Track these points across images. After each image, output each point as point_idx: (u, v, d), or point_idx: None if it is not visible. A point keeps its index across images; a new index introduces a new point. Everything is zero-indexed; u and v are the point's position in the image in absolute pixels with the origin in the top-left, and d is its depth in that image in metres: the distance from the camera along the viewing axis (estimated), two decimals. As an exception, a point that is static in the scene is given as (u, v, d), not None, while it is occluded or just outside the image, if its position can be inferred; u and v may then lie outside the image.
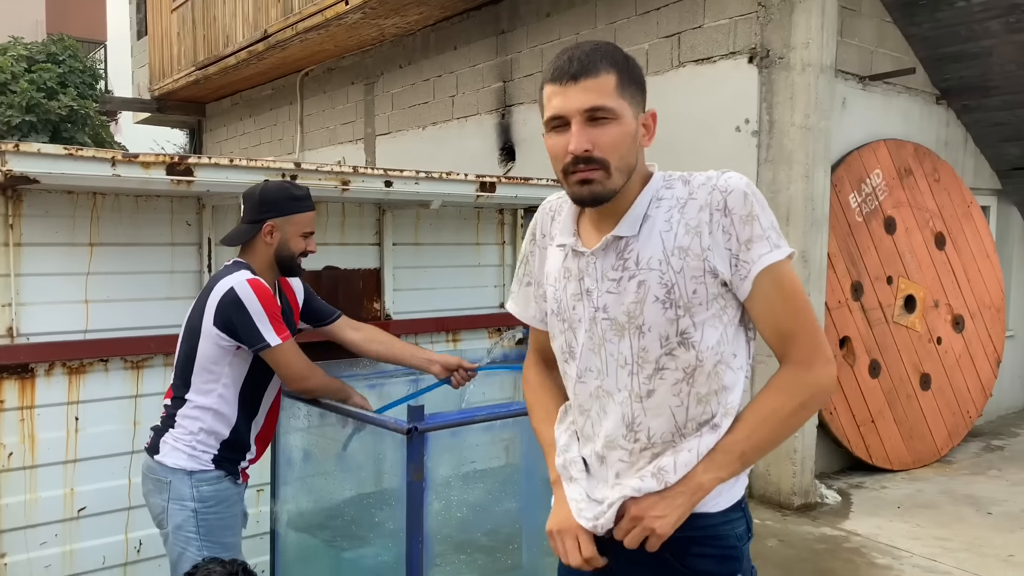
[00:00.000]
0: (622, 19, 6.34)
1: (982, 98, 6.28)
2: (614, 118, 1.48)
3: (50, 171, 2.57)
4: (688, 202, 1.52)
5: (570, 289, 1.62)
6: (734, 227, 1.48)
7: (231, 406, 2.56)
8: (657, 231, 1.52)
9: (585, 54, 1.49)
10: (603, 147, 1.48)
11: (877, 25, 5.77)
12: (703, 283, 1.49)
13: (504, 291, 4.37)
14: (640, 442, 1.55)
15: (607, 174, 1.49)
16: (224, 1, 10.16)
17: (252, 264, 2.57)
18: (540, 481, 2.91)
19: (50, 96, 12.60)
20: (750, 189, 1.50)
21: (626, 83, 1.49)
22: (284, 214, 2.57)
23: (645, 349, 1.52)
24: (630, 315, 1.53)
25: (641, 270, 1.52)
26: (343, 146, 9.76)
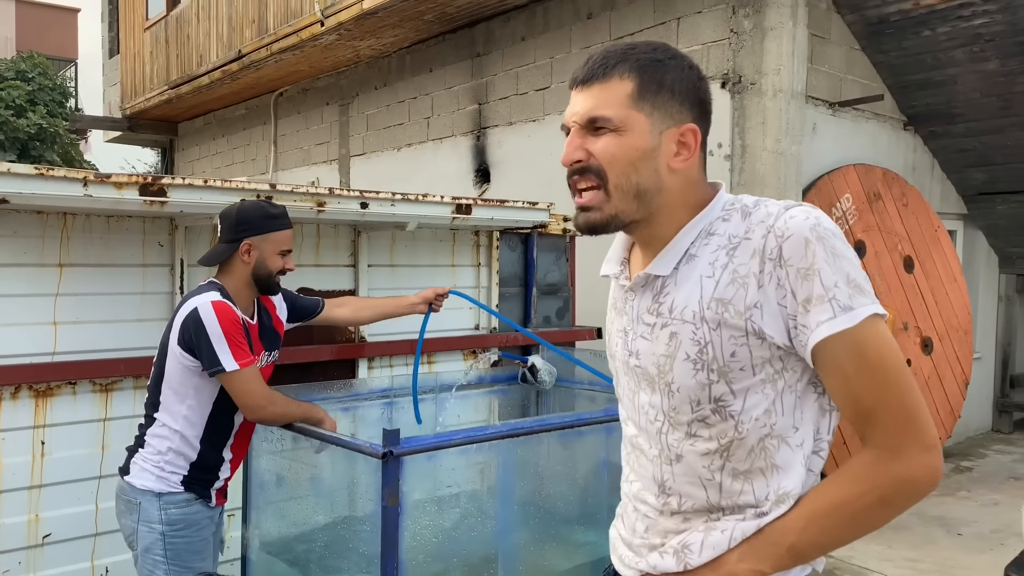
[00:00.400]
0: (596, 43, 6.40)
1: (948, 125, 6.42)
2: (615, 129, 1.25)
3: (20, 191, 2.53)
4: (741, 243, 1.24)
5: (616, 323, 1.43)
6: (789, 281, 1.19)
7: (197, 428, 2.53)
8: (698, 275, 1.26)
9: (604, 56, 1.29)
10: (598, 157, 1.26)
11: (846, 52, 5.89)
12: (745, 346, 1.22)
13: (479, 313, 4.37)
14: (671, 505, 1.34)
15: (605, 195, 1.27)
16: (198, 20, 10.13)
17: (229, 284, 2.57)
18: (517, 504, 2.90)
19: (19, 114, 12.47)
20: (815, 233, 1.18)
21: (651, 91, 1.25)
22: (261, 232, 2.57)
23: (675, 410, 1.29)
24: (660, 369, 1.30)
25: (674, 320, 1.28)
26: (317, 166, 9.73)
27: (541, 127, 6.93)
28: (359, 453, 2.43)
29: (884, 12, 5.60)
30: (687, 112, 1.28)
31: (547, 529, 2.91)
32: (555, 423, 2.71)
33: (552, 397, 3.98)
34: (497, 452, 2.70)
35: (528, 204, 4.07)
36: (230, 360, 2.43)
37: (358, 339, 3.86)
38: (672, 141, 1.27)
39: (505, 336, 4.35)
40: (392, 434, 2.31)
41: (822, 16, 5.62)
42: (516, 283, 4.58)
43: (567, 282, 4.83)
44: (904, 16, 5.56)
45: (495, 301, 4.40)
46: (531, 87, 7.00)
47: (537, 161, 6.95)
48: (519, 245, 4.58)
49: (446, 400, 3.69)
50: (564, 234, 4.75)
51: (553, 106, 6.80)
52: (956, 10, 5.36)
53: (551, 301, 4.75)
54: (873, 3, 5.57)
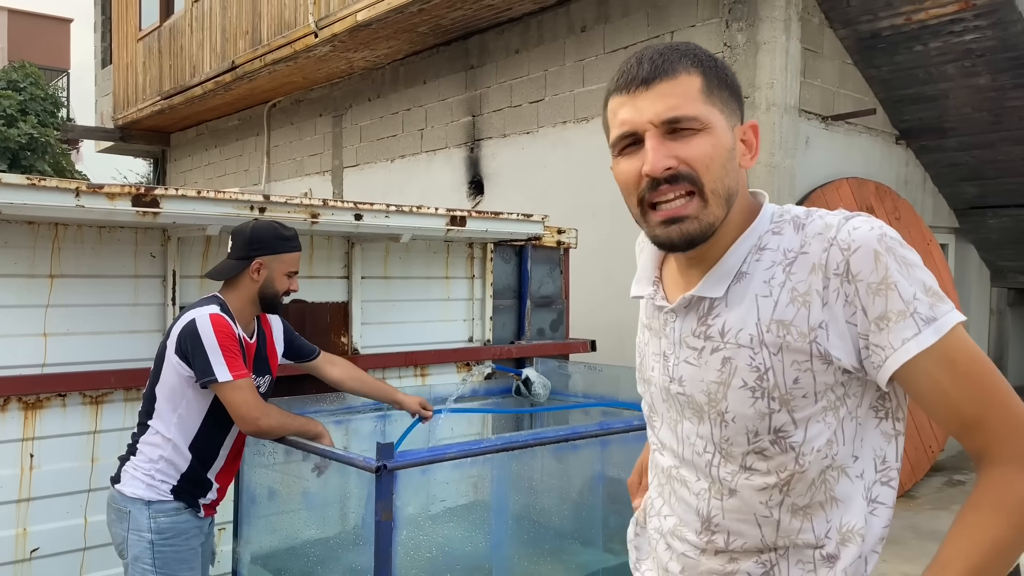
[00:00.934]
0: (590, 57, 6.42)
1: (940, 139, 6.45)
2: (701, 128, 1.13)
3: (11, 201, 2.51)
4: (798, 258, 1.13)
5: (652, 346, 1.30)
6: (859, 298, 1.08)
7: (188, 438, 2.53)
8: (752, 294, 1.15)
9: (659, 53, 1.16)
10: (691, 162, 1.12)
11: (839, 67, 5.92)
12: (809, 371, 1.11)
13: (473, 325, 4.35)
14: (716, 544, 1.22)
15: (702, 202, 1.13)
16: (192, 31, 10.12)
17: (233, 300, 2.59)
18: (511, 518, 2.88)
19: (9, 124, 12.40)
20: (883, 244, 1.08)
21: (715, 86, 1.15)
22: (274, 252, 2.61)
23: (729, 441, 1.18)
24: (711, 397, 1.18)
25: (727, 344, 1.16)
26: (310, 178, 9.71)
27: (535, 139, 6.93)
28: (352, 467, 2.41)
29: (876, 27, 5.64)
30: (739, 108, 1.19)
31: (541, 543, 2.89)
32: (550, 436, 2.69)
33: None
34: (491, 466, 2.68)
35: (523, 216, 4.06)
36: (224, 371, 2.43)
37: (351, 351, 3.84)
38: (739, 139, 1.17)
39: (499, 349, 4.34)
40: (386, 448, 2.29)
41: (815, 31, 5.65)
42: (510, 295, 4.57)
43: (561, 294, 4.82)
44: (896, 31, 5.59)
45: (489, 313, 4.38)
46: (525, 99, 7.01)
47: (531, 173, 6.95)
48: (513, 257, 4.57)
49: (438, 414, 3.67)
50: (558, 246, 4.74)
51: (547, 118, 6.81)
52: (947, 25, 5.39)
53: (545, 313, 4.74)
54: (865, 18, 5.60)
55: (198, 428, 2.54)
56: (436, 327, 4.22)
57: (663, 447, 1.31)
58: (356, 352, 3.84)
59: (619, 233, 6.08)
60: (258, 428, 2.52)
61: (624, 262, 5.97)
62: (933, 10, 5.29)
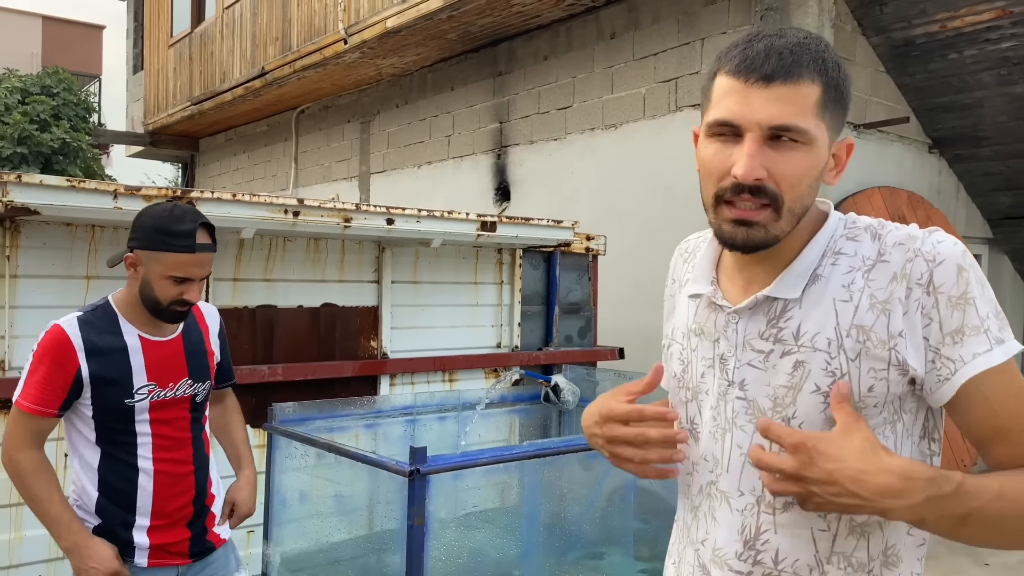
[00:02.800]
0: (619, 64, 6.41)
1: (974, 148, 6.36)
2: (805, 143, 1.09)
3: (52, 203, 2.54)
4: (877, 265, 1.12)
5: (701, 351, 1.25)
6: (938, 311, 1.08)
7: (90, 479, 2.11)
8: (830, 298, 1.13)
9: (789, 49, 1.09)
10: (781, 179, 1.09)
11: (871, 74, 5.86)
12: (884, 380, 1.09)
13: (501, 331, 4.34)
14: (763, 565, 1.16)
15: (776, 215, 1.10)
16: (222, 38, 10.24)
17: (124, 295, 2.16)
18: (541, 526, 2.86)
19: (43, 128, 12.60)
20: (966, 261, 1.09)
21: (831, 100, 1.10)
22: (149, 248, 2.05)
23: None
24: (776, 401, 1.15)
25: (802, 347, 1.13)
26: (337, 183, 9.77)
27: (562, 146, 6.93)
28: (384, 470, 2.40)
29: (910, 35, 5.58)
30: (843, 122, 1.15)
31: (571, 551, 2.87)
32: (583, 444, 2.66)
33: (574, 417, 3.94)
34: (523, 472, 2.67)
35: (553, 222, 4.06)
36: (17, 392, 2.05)
37: (380, 355, 3.84)
38: (832, 155, 1.15)
39: (527, 355, 4.33)
40: (419, 452, 2.28)
41: (847, 38, 5.60)
42: (538, 301, 4.56)
43: (589, 301, 4.81)
44: (930, 39, 5.53)
45: (517, 319, 4.38)
46: (553, 106, 7.01)
47: (558, 180, 6.95)
48: (542, 263, 4.57)
49: (467, 419, 3.67)
50: (587, 253, 4.73)
51: (575, 125, 6.80)
52: (983, 33, 5.32)
53: (573, 320, 4.72)
54: (899, 25, 5.54)
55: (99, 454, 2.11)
56: (465, 332, 4.23)
57: (698, 462, 1.25)
58: (385, 356, 3.84)
59: (647, 241, 6.05)
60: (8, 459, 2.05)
61: (652, 269, 5.95)
62: (969, 17, 5.23)
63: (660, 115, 6.07)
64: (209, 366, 2.27)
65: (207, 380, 2.26)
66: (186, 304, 2.10)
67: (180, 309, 2.11)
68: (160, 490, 2.14)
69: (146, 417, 2.12)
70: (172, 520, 2.16)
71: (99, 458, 2.10)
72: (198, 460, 2.24)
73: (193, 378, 2.20)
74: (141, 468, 2.11)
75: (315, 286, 3.61)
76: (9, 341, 2.82)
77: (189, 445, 2.22)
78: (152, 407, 2.13)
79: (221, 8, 10.28)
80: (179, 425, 2.19)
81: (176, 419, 2.18)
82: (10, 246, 2.82)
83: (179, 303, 2.09)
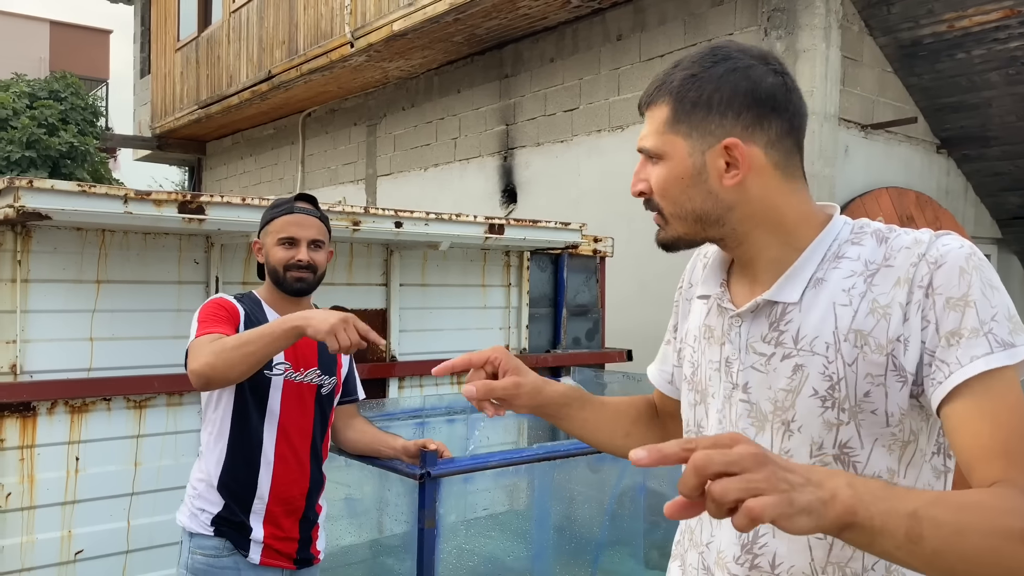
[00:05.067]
0: (625, 65, 6.41)
1: (982, 148, 6.35)
2: (660, 157, 1.19)
3: (63, 207, 2.55)
4: (881, 270, 1.11)
5: (709, 354, 1.26)
6: (935, 312, 1.05)
7: (219, 450, 2.19)
8: (830, 302, 1.12)
9: (656, 78, 1.22)
10: (653, 190, 1.21)
11: (878, 75, 5.85)
12: (882, 386, 1.07)
13: (509, 333, 4.34)
14: (760, 569, 1.14)
15: (664, 220, 1.22)
16: (229, 41, 10.27)
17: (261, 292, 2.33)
18: (551, 529, 2.86)
19: (51, 132, 12.65)
20: (970, 263, 1.06)
21: (684, 113, 1.16)
22: (263, 226, 2.31)
23: (789, 453, 1.12)
24: (776, 405, 1.14)
25: (801, 351, 1.13)
26: (344, 186, 9.79)
27: (569, 148, 6.93)
28: (394, 473, 2.41)
29: (917, 35, 5.56)
30: (730, 124, 1.14)
31: (581, 554, 2.86)
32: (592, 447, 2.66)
33: (583, 419, 3.94)
34: (533, 474, 2.67)
35: (560, 224, 4.06)
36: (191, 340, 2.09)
37: (388, 358, 3.85)
38: (719, 159, 1.15)
39: (536, 357, 4.32)
40: (429, 455, 2.28)
41: (855, 38, 5.59)
42: (546, 304, 4.56)
43: (597, 303, 4.80)
44: (938, 39, 5.52)
45: (525, 322, 4.38)
46: (559, 108, 7.01)
47: (564, 182, 6.95)
48: (549, 266, 4.56)
49: (477, 421, 3.67)
50: (594, 255, 4.72)
51: (581, 127, 6.81)
52: (991, 32, 5.31)
53: (581, 322, 4.72)
54: (906, 25, 5.53)
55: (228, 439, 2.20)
56: (473, 335, 4.22)
57: None
58: (394, 359, 3.85)
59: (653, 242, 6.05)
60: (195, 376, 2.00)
61: (659, 271, 5.95)
62: (977, 17, 5.21)
63: (667, 117, 6.06)
64: (337, 363, 2.37)
65: (334, 376, 2.35)
66: (300, 267, 2.23)
67: (296, 274, 2.24)
68: (279, 474, 2.21)
69: (278, 396, 2.22)
70: (286, 509, 2.21)
71: (228, 435, 2.19)
72: (315, 459, 2.30)
73: (322, 369, 2.30)
74: (265, 448, 2.20)
75: (323, 289, 3.61)
76: (21, 345, 2.83)
77: (310, 438, 2.29)
78: (285, 386, 2.23)
79: (228, 12, 10.31)
80: (304, 412, 2.27)
81: (303, 406, 2.26)
82: (22, 251, 2.83)
83: (292, 266, 2.23)
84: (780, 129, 1.16)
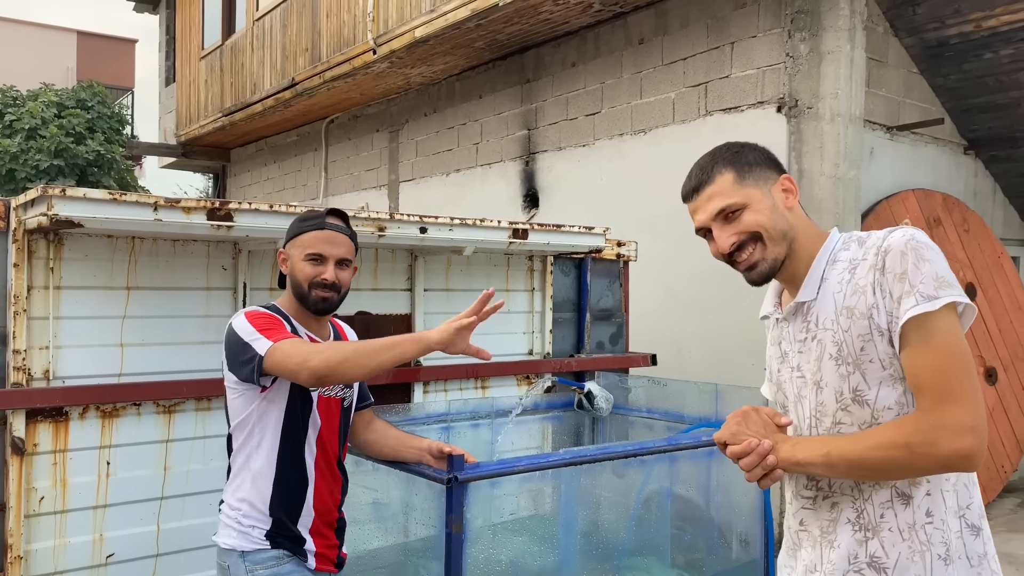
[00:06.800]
0: (648, 69, 6.40)
1: (1011, 149, 6.26)
2: (742, 208, 1.63)
3: (95, 215, 2.59)
4: (860, 263, 1.58)
5: (774, 353, 1.77)
6: (887, 284, 1.52)
7: (268, 468, 2.21)
8: (831, 293, 1.61)
9: (699, 167, 1.69)
10: (746, 227, 1.63)
11: (904, 76, 5.79)
12: (871, 341, 1.54)
13: (533, 338, 4.34)
14: (822, 491, 1.63)
15: (763, 245, 1.64)
16: (252, 49, 10.36)
17: (283, 301, 2.34)
18: (578, 534, 2.86)
19: (78, 141, 12.84)
20: (910, 246, 1.51)
21: (745, 171, 1.66)
22: (292, 237, 2.30)
23: (823, 403, 1.61)
24: (812, 372, 1.63)
25: (820, 330, 1.62)
26: (367, 192, 9.84)
27: (591, 152, 6.92)
28: (422, 478, 2.41)
29: (944, 35, 5.51)
30: (774, 171, 1.70)
31: (608, 559, 2.85)
32: (618, 451, 2.66)
33: (608, 424, 3.93)
34: (560, 480, 2.66)
35: (584, 229, 4.05)
36: (263, 342, 2.10)
37: (413, 363, 3.86)
38: (779, 192, 1.68)
39: (559, 362, 4.32)
40: (457, 459, 2.29)
41: (880, 40, 5.54)
42: (570, 308, 4.55)
43: (621, 307, 4.79)
44: (965, 39, 5.46)
45: (548, 326, 4.37)
46: (581, 112, 7.01)
47: (586, 186, 6.94)
48: (573, 270, 4.56)
49: (501, 426, 3.67)
50: (618, 259, 4.71)
51: (603, 131, 6.80)
52: (1019, 32, 5.24)
53: (605, 327, 4.71)
54: (932, 26, 5.48)
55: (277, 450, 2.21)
56: (496, 339, 4.22)
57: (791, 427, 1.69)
58: (419, 363, 3.86)
59: (678, 246, 6.02)
60: (312, 372, 2.04)
61: (683, 275, 5.92)
62: (1005, 16, 5.15)
63: (690, 120, 6.04)
64: None
65: (352, 389, 2.39)
66: (325, 286, 2.22)
67: (322, 293, 2.23)
68: (320, 487, 2.28)
69: (316, 411, 2.28)
70: (325, 521, 2.29)
71: (278, 453, 2.22)
72: (341, 468, 2.39)
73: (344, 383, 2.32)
74: (308, 463, 2.26)
75: (350, 294, 3.63)
76: (53, 351, 2.87)
77: (338, 450, 2.37)
78: (320, 402, 2.29)
79: (251, 20, 10.41)
80: (334, 426, 2.34)
81: (333, 420, 2.34)
82: (54, 258, 2.87)
83: (319, 285, 2.22)
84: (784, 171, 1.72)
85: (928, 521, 1.51)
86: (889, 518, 1.54)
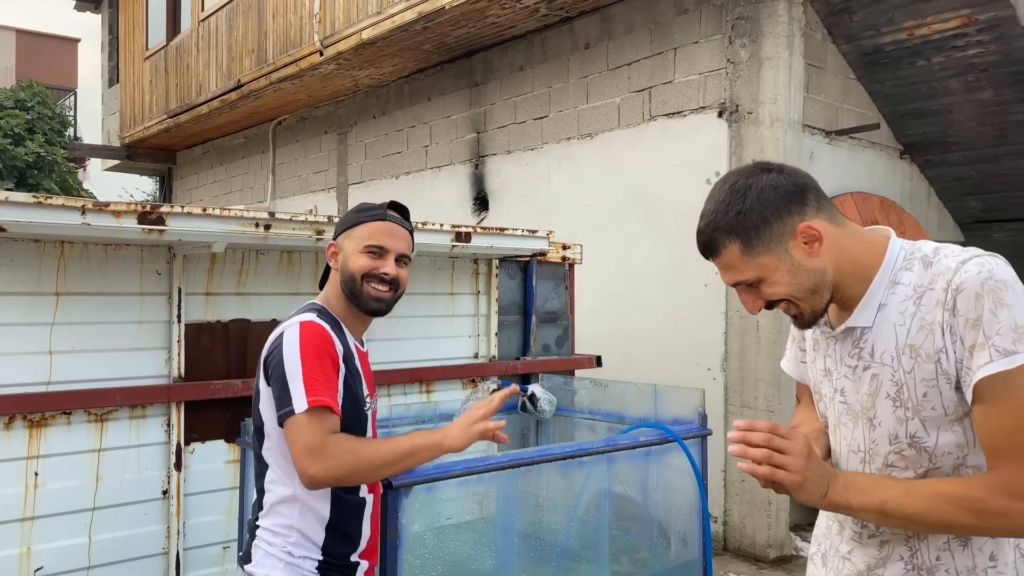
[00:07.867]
0: (594, 74, 6.45)
1: (944, 153, 6.45)
2: (758, 282, 1.46)
3: (18, 219, 2.52)
4: (926, 293, 1.40)
5: (818, 363, 1.63)
6: (959, 330, 1.35)
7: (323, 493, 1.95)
8: (891, 323, 1.44)
9: (702, 231, 1.48)
10: (768, 298, 1.48)
11: (842, 82, 5.93)
12: (935, 387, 1.39)
13: (479, 341, 4.34)
14: (868, 528, 1.53)
15: (797, 307, 1.48)
16: (198, 50, 10.20)
17: (331, 301, 2.09)
18: (516, 536, 2.86)
19: (17, 142, 12.50)
20: (986, 287, 1.33)
21: (751, 241, 1.43)
22: (346, 228, 2.07)
23: (875, 443, 1.49)
24: (863, 406, 1.50)
25: (875, 363, 1.47)
26: (315, 195, 9.75)
27: (539, 155, 6.95)
28: (357, 484, 2.39)
29: (879, 42, 5.65)
30: (791, 218, 1.43)
31: (547, 561, 2.86)
32: (556, 453, 2.67)
33: (552, 426, 3.95)
34: (497, 483, 2.67)
35: (528, 232, 4.07)
36: (301, 398, 1.84)
37: (356, 368, 3.83)
38: (798, 246, 1.43)
39: (505, 365, 4.33)
40: (391, 465, 2.27)
41: (818, 46, 5.67)
42: (515, 311, 4.56)
43: (566, 310, 4.82)
44: (899, 46, 5.61)
45: (494, 329, 4.38)
46: (529, 116, 7.04)
47: (535, 189, 6.97)
48: (518, 273, 4.57)
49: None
50: (563, 262, 4.74)
51: (551, 135, 6.83)
52: (950, 40, 5.41)
53: (550, 329, 4.73)
54: (868, 33, 5.62)
55: None
56: (441, 343, 4.22)
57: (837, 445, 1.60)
58: (361, 369, 3.83)
59: (624, 249, 6.08)
60: (311, 479, 1.84)
61: (630, 277, 5.98)
62: (935, 25, 5.31)
63: (635, 124, 6.11)
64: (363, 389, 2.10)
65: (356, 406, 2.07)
66: (384, 280, 2.02)
67: (377, 289, 2.02)
68: (375, 506, 2.11)
69: (369, 429, 2.07)
70: (371, 544, 2.09)
71: None
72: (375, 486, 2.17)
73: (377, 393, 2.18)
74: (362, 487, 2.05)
75: (289, 299, 3.59)
76: (-23, 360, 2.79)
77: None
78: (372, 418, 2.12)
79: (197, 20, 10.25)
80: None
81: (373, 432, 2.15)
82: (-23, 264, 2.79)
83: (374, 278, 2.00)
84: (810, 197, 1.45)
85: (992, 565, 1.43)
86: (946, 560, 1.44)
